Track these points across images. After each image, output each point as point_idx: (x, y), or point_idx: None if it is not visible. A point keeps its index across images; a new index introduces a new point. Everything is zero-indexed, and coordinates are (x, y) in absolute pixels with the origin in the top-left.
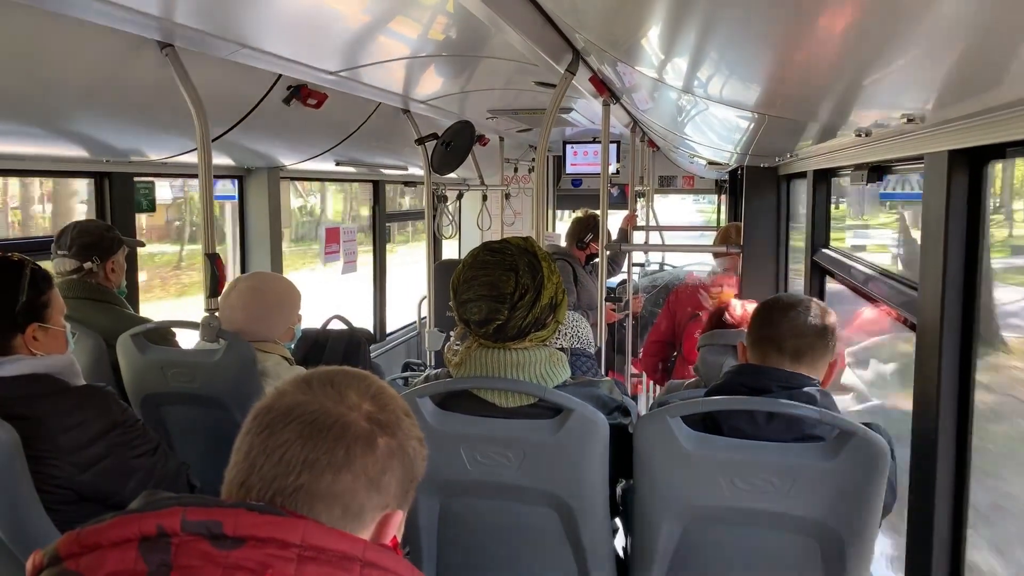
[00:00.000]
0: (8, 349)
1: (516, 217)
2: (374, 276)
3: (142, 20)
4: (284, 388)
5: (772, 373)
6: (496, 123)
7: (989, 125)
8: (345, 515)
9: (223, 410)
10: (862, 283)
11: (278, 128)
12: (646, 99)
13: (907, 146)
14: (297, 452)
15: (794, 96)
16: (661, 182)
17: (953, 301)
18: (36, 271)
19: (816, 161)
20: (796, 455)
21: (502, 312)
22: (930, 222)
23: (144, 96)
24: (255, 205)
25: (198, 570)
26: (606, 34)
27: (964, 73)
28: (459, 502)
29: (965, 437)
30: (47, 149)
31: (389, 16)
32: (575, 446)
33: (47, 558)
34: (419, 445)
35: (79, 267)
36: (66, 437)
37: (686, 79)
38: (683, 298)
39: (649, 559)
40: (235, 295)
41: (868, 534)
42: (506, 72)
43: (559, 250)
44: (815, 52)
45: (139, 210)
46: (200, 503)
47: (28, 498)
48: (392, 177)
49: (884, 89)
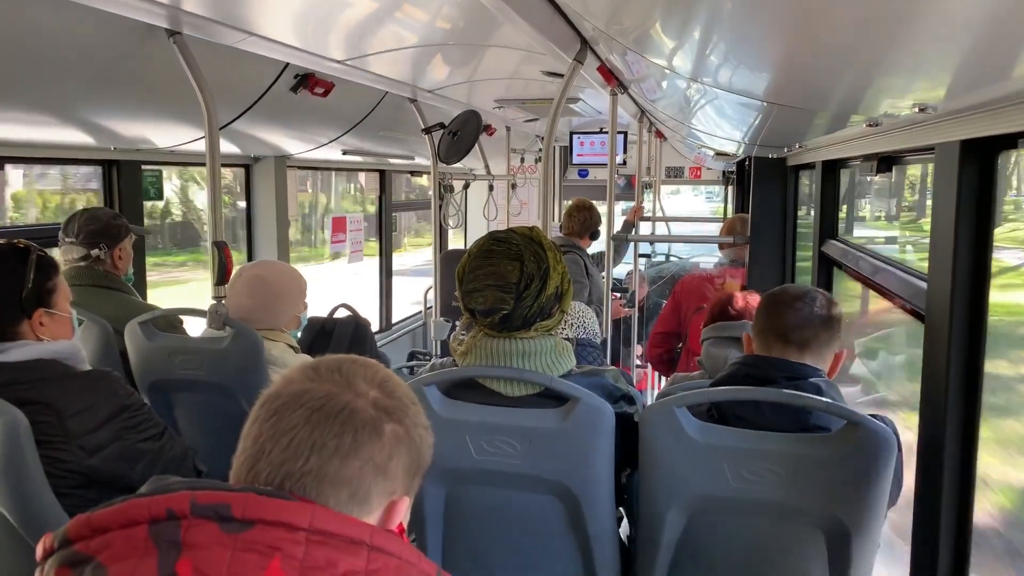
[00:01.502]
0: (15, 335)
1: (522, 207)
2: (380, 265)
3: (150, 8)
4: (292, 375)
5: (778, 364)
6: (503, 113)
7: (1001, 115)
8: (352, 500)
9: (230, 397)
10: (870, 274)
11: (285, 117)
12: (654, 88)
13: (918, 136)
14: (305, 437)
15: (804, 85)
16: (668, 173)
17: (962, 292)
18: (42, 257)
19: (825, 152)
20: (802, 445)
21: (507, 302)
22: (940, 213)
23: (152, 84)
24: (262, 194)
25: (207, 552)
26: (614, 22)
27: (976, 62)
28: (465, 490)
29: (973, 429)
30: (56, 136)
31: (396, 4)
32: (581, 435)
33: (57, 541)
34: (426, 432)
35: (87, 254)
36: (74, 421)
37: (695, 67)
38: (689, 289)
39: (654, 548)
40: (242, 283)
41: (873, 525)
42: (513, 61)
43: (566, 241)
44: (826, 40)
45: (147, 198)
46: (209, 487)
47: (38, 482)
48: (399, 167)
49: (895, 78)
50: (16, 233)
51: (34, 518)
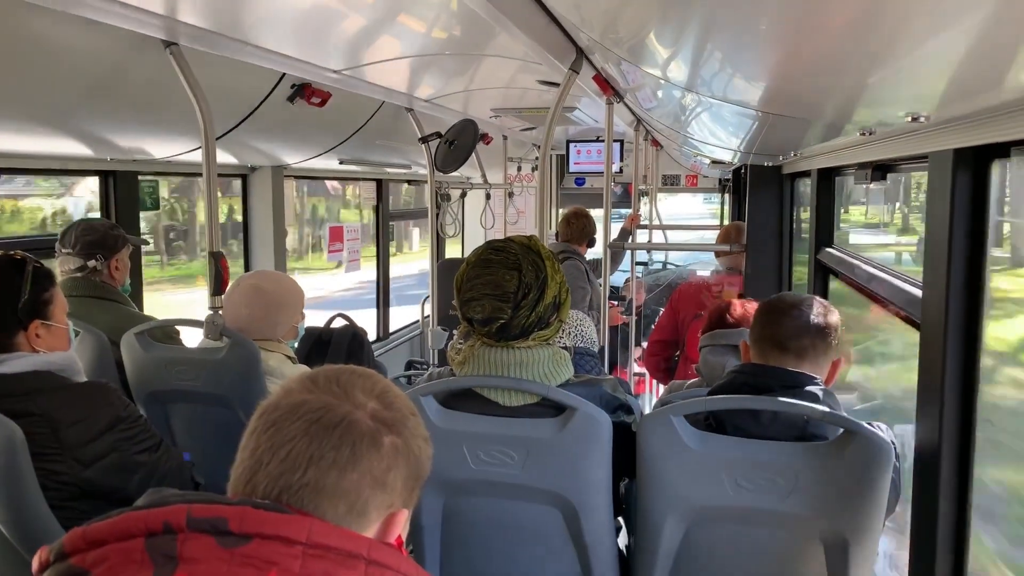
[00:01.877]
0: (11, 346)
1: (520, 216)
2: (377, 275)
3: (146, 19)
4: (290, 386)
5: (775, 372)
6: (499, 122)
7: (994, 123)
8: (350, 513)
9: (227, 408)
10: (866, 282)
11: (282, 127)
12: (650, 98)
13: (911, 145)
14: (303, 449)
15: (798, 94)
16: (664, 181)
17: (957, 300)
18: (38, 269)
19: (820, 160)
20: (799, 454)
21: (505, 311)
22: (934, 221)
23: (148, 95)
24: (259, 203)
25: (204, 566)
26: (610, 33)
27: (969, 71)
28: (462, 501)
29: (969, 436)
30: (52, 147)
31: (393, 15)
32: (578, 445)
33: (53, 555)
34: (424, 444)
35: (83, 265)
36: (70, 433)
37: (690, 77)
38: (686, 297)
39: (652, 558)
40: (238, 293)
41: (872, 534)
42: (509, 71)
43: (567, 249)
44: (819, 50)
45: (144, 208)
46: (206, 500)
47: (33, 495)
48: (395, 176)
49: (888, 87)
50: (12, 244)
51: (29, 531)
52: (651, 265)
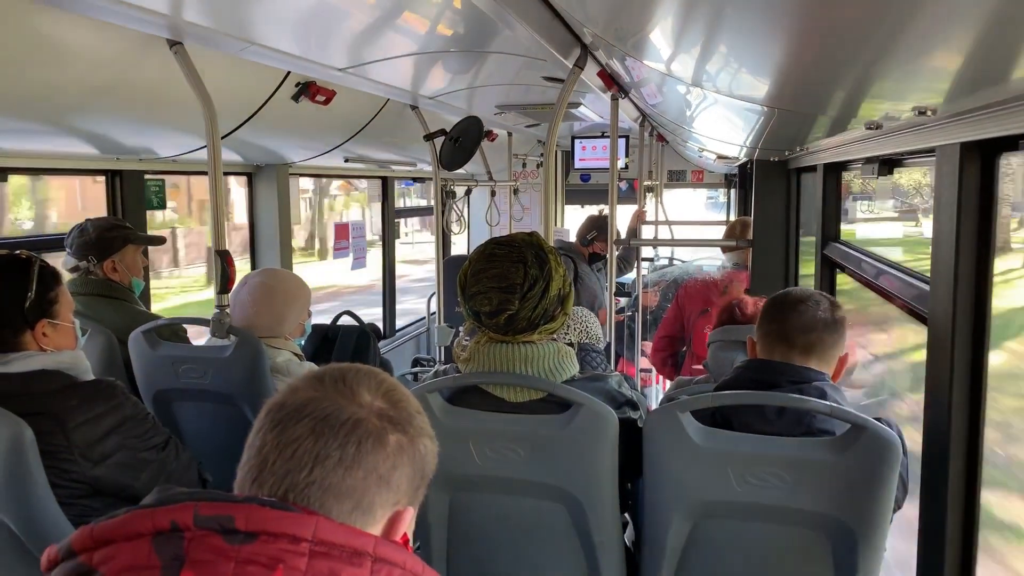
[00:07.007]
0: (18, 345)
1: (525, 212)
2: (383, 272)
3: (151, 18)
4: (296, 384)
5: (782, 368)
6: (504, 118)
7: (1001, 117)
8: (356, 511)
9: (234, 406)
10: (873, 277)
11: (287, 125)
12: (655, 93)
13: (918, 139)
14: (309, 448)
15: (804, 89)
16: (670, 176)
17: (965, 295)
18: (44, 268)
19: (826, 154)
20: (806, 449)
21: (512, 303)
22: (942, 215)
23: (154, 94)
24: (265, 202)
25: (211, 564)
26: (614, 28)
27: (976, 64)
28: (469, 497)
29: (977, 431)
30: (59, 147)
31: (397, 12)
32: (584, 441)
33: (62, 553)
34: (430, 442)
35: (76, 266)
36: (78, 432)
37: (695, 73)
38: (692, 293)
39: (658, 553)
40: (245, 291)
41: (879, 529)
42: (514, 67)
43: (563, 245)
44: (825, 44)
45: (150, 207)
46: (212, 498)
47: (42, 493)
48: (401, 173)
49: (895, 81)
50: (18, 244)
51: (39, 529)
52: (657, 261)
